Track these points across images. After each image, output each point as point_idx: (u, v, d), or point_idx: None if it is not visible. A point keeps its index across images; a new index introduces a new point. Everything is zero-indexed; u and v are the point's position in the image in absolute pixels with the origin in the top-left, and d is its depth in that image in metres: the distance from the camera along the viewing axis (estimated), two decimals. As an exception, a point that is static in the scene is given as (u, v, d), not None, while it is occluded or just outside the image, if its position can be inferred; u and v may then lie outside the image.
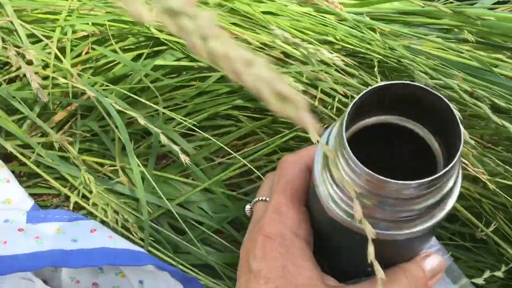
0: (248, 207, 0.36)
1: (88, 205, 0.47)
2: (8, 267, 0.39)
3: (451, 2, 0.50)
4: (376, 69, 0.44)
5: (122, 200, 0.48)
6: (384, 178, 0.24)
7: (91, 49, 0.53)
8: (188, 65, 0.50)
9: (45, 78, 0.50)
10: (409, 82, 0.27)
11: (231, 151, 0.46)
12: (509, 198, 0.44)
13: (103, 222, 0.46)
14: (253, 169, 0.45)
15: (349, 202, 0.27)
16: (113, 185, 0.49)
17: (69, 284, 0.48)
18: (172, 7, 0.12)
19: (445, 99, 0.26)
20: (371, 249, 0.23)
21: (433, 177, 0.24)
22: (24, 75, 0.50)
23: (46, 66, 0.52)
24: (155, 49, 0.51)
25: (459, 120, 0.25)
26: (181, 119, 0.47)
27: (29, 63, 0.50)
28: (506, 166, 0.44)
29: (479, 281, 0.42)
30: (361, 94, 0.26)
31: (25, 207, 0.49)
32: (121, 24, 0.51)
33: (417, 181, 0.24)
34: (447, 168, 0.24)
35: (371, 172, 0.24)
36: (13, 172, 0.52)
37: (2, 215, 0.44)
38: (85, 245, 0.42)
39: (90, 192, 0.47)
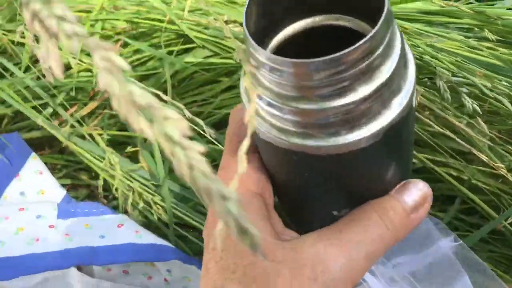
0: None
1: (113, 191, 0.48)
2: (38, 265, 0.41)
3: (471, 3, 0.52)
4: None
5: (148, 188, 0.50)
6: (302, 60, 0.21)
7: (122, 46, 0.55)
8: (217, 62, 0.52)
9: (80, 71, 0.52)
10: None
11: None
12: (528, 192, 0.45)
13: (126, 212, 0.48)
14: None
15: (276, 113, 0.23)
16: (137, 170, 0.51)
17: (101, 271, 0.50)
18: (169, 135, 0.14)
19: None
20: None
21: (351, 48, 0.20)
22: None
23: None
24: (185, 46, 0.53)
25: None
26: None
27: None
28: (525, 161, 0.46)
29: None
30: None
31: (57, 198, 0.51)
32: (152, 21, 0.53)
33: (335, 54, 0.20)
34: (363, 41, 0.20)
35: (285, 59, 0.21)
36: (45, 163, 0.54)
37: (35, 210, 0.46)
38: (112, 241, 0.43)
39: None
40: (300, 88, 0.22)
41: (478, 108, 0.45)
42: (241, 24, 0.50)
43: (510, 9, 0.47)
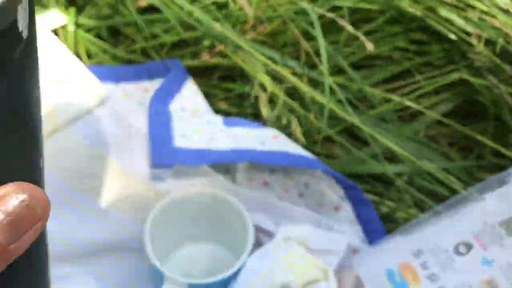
0: None
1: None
2: (216, 158, 0.49)
3: None
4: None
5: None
6: None
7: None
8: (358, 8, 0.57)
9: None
10: None
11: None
12: None
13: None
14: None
15: None
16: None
17: (242, 179, 0.58)
18: None
19: None
20: None
21: None
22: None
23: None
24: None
25: None
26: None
27: None
28: None
29: None
30: None
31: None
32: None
33: None
34: None
35: None
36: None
37: (205, 117, 0.54)
38: (271, 148, 0.51)
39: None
40: None
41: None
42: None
43: None
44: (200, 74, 0.64)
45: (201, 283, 0.47)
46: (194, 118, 0.53)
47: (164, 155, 0.46)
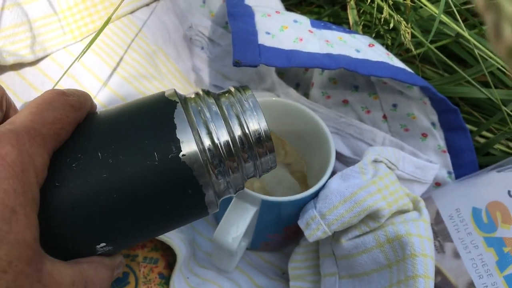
0: None
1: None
2: (307, 61, 0.41)
3: None
4: None
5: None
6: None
7: None
8: None
9: None
10: None
11: None
12: None
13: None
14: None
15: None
16: None
17: (319, 97, 0.51)
18: None
19: None
20: None
21: None
22: None
23: None
24: None
25: None
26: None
27: None
28: None
29: None
30: None
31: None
32: None
33: None
34: None
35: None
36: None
37: (289, 17, 0.46)
38: (367, 56, 0.43)
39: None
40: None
41: None
42: None
43: None
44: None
45: (276, 201, 0.41)
46: (278, 15, 0.46)
47: (248, 53, 0.39)
